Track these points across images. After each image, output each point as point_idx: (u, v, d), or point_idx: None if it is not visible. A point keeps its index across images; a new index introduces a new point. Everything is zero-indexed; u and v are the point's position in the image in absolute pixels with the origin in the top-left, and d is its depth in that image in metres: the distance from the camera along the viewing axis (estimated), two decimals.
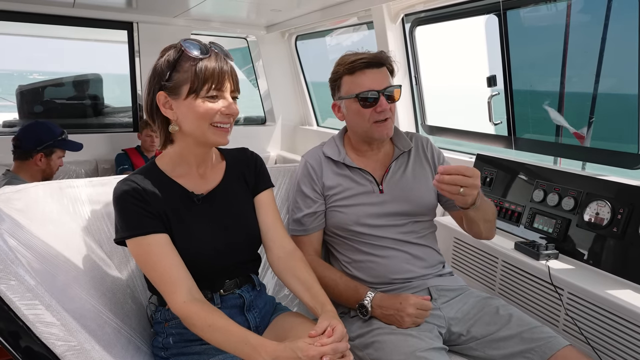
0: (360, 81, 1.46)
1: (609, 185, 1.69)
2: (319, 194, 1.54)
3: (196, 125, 1.14)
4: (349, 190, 1.52)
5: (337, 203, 1.52)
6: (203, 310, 1.08)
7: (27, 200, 1.20)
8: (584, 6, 2.29)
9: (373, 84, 1.45)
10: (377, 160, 1.58)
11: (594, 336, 1.47)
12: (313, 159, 1.58)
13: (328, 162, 1.57)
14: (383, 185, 1.53)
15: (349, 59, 1.48)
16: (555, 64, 2.32)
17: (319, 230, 1.57)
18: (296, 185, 1.59)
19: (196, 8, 3.46)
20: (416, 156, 1.60)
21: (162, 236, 1.12)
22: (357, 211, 1.49)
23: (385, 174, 1.54)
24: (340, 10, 3.22)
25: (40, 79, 7.81)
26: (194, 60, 1.10)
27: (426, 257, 1.52)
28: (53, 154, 2.51)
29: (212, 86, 1.11)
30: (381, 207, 1.50)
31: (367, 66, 1.46)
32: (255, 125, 4.80)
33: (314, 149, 1.64)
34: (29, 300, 0.89)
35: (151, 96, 1.14)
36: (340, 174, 1.54)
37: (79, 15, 3.62)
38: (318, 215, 1.54)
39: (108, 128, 4.21)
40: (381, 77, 1.47)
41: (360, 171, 1.54)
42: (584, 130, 2.20)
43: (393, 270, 1.47)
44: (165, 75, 1.11)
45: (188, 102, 1.11)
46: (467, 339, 1.37)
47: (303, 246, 1.52)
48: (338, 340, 1.04)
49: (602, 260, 1.62)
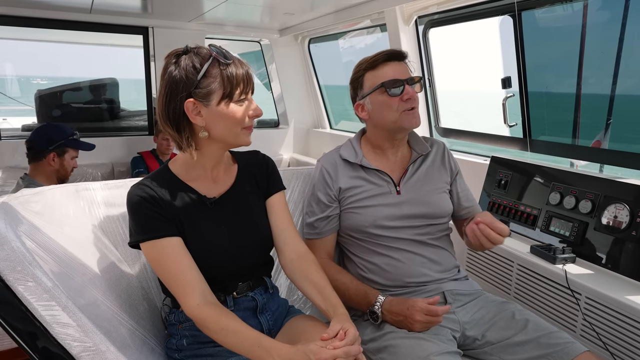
0: (383, 73, 1.48)
1: (628, 188, 1.65)
2: (333, 198, 1.54)
3: (229, 129, 1.15)
4: (366, 191, 1.51)
5: (353, 205, 1.51)
6: (216, 313, 1.08)
7: (44, 202, 1.22)
8: (601, 6, 2.25)
9: (397, 74, 1.47)
10: (395, 161, 1.57)
11: (613, 342, 1.44)
12: (328, 162, 1.58)
13: (344, 165, 1.56)
14: (400, 187, 1.52)
15: (369, 57, 1.51)
16: (571, 65, 2.29)
17: (333, 234, 1.57)
18: (311, 188, 1.60)
19: (210, 12, 3.49)
20: (433, 160, 1.60)
21: (176, 239, 1.13)
22: (374, 212, 1.49)
23: (403, 176, 1.54)
24: (353, 13, 3.22)
25: (43, 83, 7.95)
26: (222, 66, 1.11)
27: (442, 261, 1.51)
28: (65, 153, 2.54)
29: (242, 90, 1.13)
30: (398, 209, 1.49)
31: (388, 59, 1.49)
32: (268, 128, 4.82)
33: (330, 153, 1.63)
34: (46, 302, 0.90)
35: (175, 104, 1.11)
36: (357, 176, 1.54)
37: (96, 21, 3.68)
38: (331, 219, 1.54)
39: (124, 131, 4.26)
40: (403, 68, 1.49)
41: (378, 172, 1.53)
42: (601, 134, 2.17)
43: (408, 274, 1.46)
44: (194, 82, 1.10)
45: (221, 108, 1.12)
46: (482, 343, 1.35)
47: (316, 249, 1.52)
48: (350, 343, 1.04)
49: (621, 265, 1.59)
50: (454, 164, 1.63)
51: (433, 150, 1.62)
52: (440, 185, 1.56)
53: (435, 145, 1.64)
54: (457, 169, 1.64)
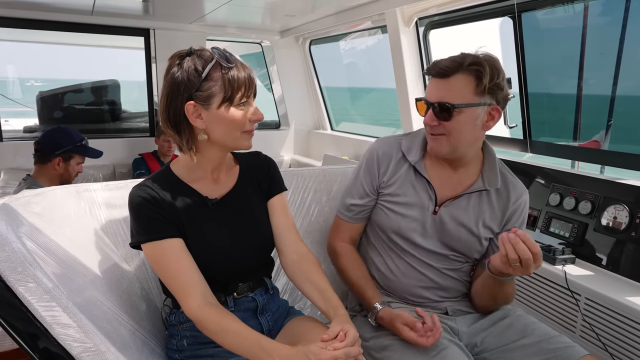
0: (428, 87, 1.36)
1: (627, 189, 1.66)
2: (374, 189, 1.46)
3: (228, 132, 1.14)
4: (404, 196, 1.41)
5: (386, 204, 1.44)
6: (217, 314, 1.09)
7: (45, 203, 1.22)
8: (601, 8, 2.26)
9: (429, 94, 1.32)
10: (451, 177, 1.40)
11: (613, 343, 1.45)
12: (385, 148, 1.46)
13: (400, 159, 1.44)
14: (440, 208, 1.38)
15: (432, 63, 1.36)
16: (572, 66, 2.29)
17: (363, 222, 1.52)
18: (358, 169, 1.50)
19: (211, 14, 3.50)
20: (497, 201, 1.39)
21: (177, 241, 1.13)
22: (401, 221, 1.40)
23: (450, 200, 1.39)
24: (354, 14, 3.23)
25: (45, 85, 7.97)
26: (224, 70, 1.11)
27: (450, 288, 1.43)
28: (71, 159, 2.55)
29: (244, 94, 1.13)
30: (426, 229, 1.39)
31: (434, 74, 1.31)
32: (269, 129, 4.83)
33: (390, 139, 1.50)
34: (46, 302, 0.91)
35: (175, 106, 1.12)
36: (404, 176, 1.42)
37: (98, 23, 3.70)
38: (367, 210, 1.49)
39: (125, 133, 4.27)
40: (440, 89, 1.29)
41: (426, 181, 1.40)
42: (601, 135, 2.17)
43: (409, 292, 1.44)
44: (195, 84, 1.10)
45: (221, 111, 1.12)
46: (481, 349, 1.35)
47: (341, 231, 1.51)
48: (350, 344, 1.04)
49: (621, 265, 1.59)
50: (520, 222, 1.41)
51: (506, 193, 1.39)
52: (481, 232, 1.39)
53: (512, 188, 1.40)
54: (518, 225, 1.41)
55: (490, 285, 1.31)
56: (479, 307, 1.43)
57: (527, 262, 1.11)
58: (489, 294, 1.36)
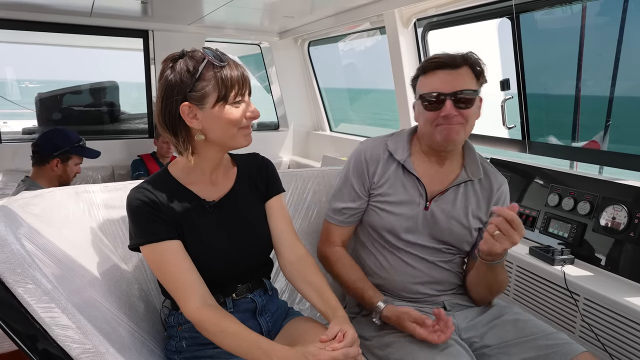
0: (428, 82, 1.37)
1: (626, 190, 1.66)
2: (366, 190, 1.48)
3: (225, 131, 1.15)
4: (395, 195, 1.44)
5: (378, 204, 1.45)
6: (215, 315, 1.09)
7: (44, 205, 1.22)
8: (599, 8, 2.26)
9: (441, 86, 1.33)
10: (439, 171, 1.45)
11: (612, 343, 1.45)
12: (372, 150, 1.48)
13: (387, 159, 1.47)
14: (431, 204, 1.42)
15: (427, 59, 1.40)
16: (570, 67, 2.30)
17: (355, 224, 1.53)
18: (346, 172, 1.51)
19: (210, 15, 3.51)
20: (481, 191, 1.46)
21: (175, 243, 1.14)
22: (393, 220, 1.43)
23: (439, 194, 1.43)
24: (353, 15, 3.23)
25: (43, 87, 7.95)
26: (216, 69, 1.11)
27: (445, 281, 1.46)
28: (69, 160, 2.56)
29: (238, 92, 1.13)
30: (419, 225, 1.42)
31: (438, 66, 1.35)
32: (268, 130, 4.83)
33: (376, 140, 1.52)
34: (45, 304, 0.91)
35: (170, 108, 1.12)
36: (393, 175, 1.45)
37: (96, 24, 3.70)
38: (358, 212, 1.50)
39: (124, 134, 4.27)
40: (452, 79, 1.33)
41: (415, 178, 1.43)
42: (600, 136, 2.17)
43: (404, 289, 1.45)
44: (188, 85, 1.10)
45: (216, 110, 1.12)
46: (480, 345, 1.35)
47: (332, 235, 1.51)
48: (349, 345, 1.04)
49: (619, 266, 1.60)
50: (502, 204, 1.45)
51: (488, 182, 1.46)
52: (471, 222, 1.43)
53: (493, 178, 1.47)
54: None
55: (483, 273, 1.34)
56: (477, 299, 1.45)
57: (503, 227, 1.15)
58: (484, 282, 1.38)
